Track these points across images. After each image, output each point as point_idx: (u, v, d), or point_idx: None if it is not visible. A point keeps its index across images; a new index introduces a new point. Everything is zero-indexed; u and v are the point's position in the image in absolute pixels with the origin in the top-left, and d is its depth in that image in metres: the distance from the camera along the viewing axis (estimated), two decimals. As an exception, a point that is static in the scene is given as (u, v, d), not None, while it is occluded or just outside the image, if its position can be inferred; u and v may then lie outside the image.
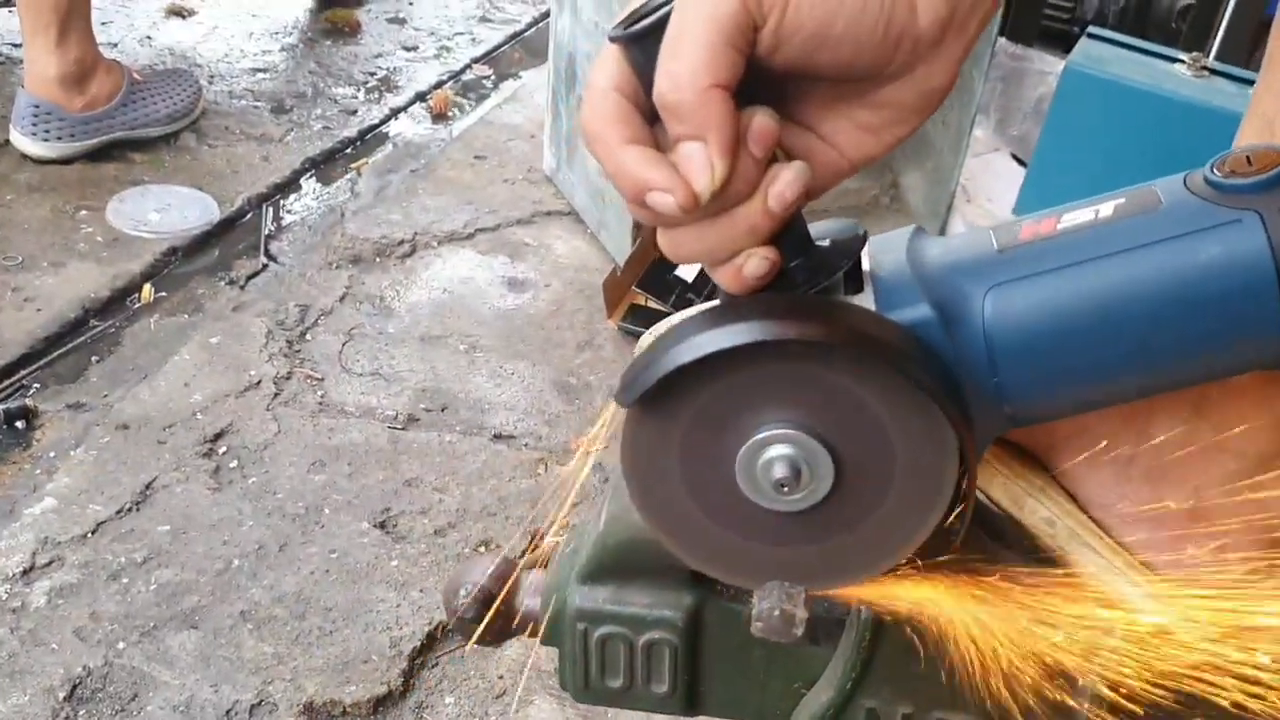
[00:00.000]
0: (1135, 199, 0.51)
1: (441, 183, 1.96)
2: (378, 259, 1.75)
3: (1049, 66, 2.11)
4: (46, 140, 1.80)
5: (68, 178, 1.82)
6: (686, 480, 0.54)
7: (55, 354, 1.47)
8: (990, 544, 0.63)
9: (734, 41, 0.46)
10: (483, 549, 1.22)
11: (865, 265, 0.54)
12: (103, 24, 2.32)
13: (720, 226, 0.51)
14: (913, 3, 0.49)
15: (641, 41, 0.48)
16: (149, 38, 2.33)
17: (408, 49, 2.52)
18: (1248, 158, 0.49)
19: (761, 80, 0.49)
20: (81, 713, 1.03)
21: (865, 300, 0.52)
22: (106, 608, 1.13)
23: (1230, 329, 0.49)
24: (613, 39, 0.50)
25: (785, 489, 0.52)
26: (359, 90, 2.30)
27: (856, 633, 0.63)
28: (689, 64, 0.47)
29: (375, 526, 1.25)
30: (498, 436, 1.40)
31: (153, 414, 1.37)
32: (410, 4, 2.75)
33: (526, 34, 2.70)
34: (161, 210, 1.77)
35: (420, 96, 2.32)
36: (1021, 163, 2.04)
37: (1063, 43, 2.31)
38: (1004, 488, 0.62)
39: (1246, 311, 0.48)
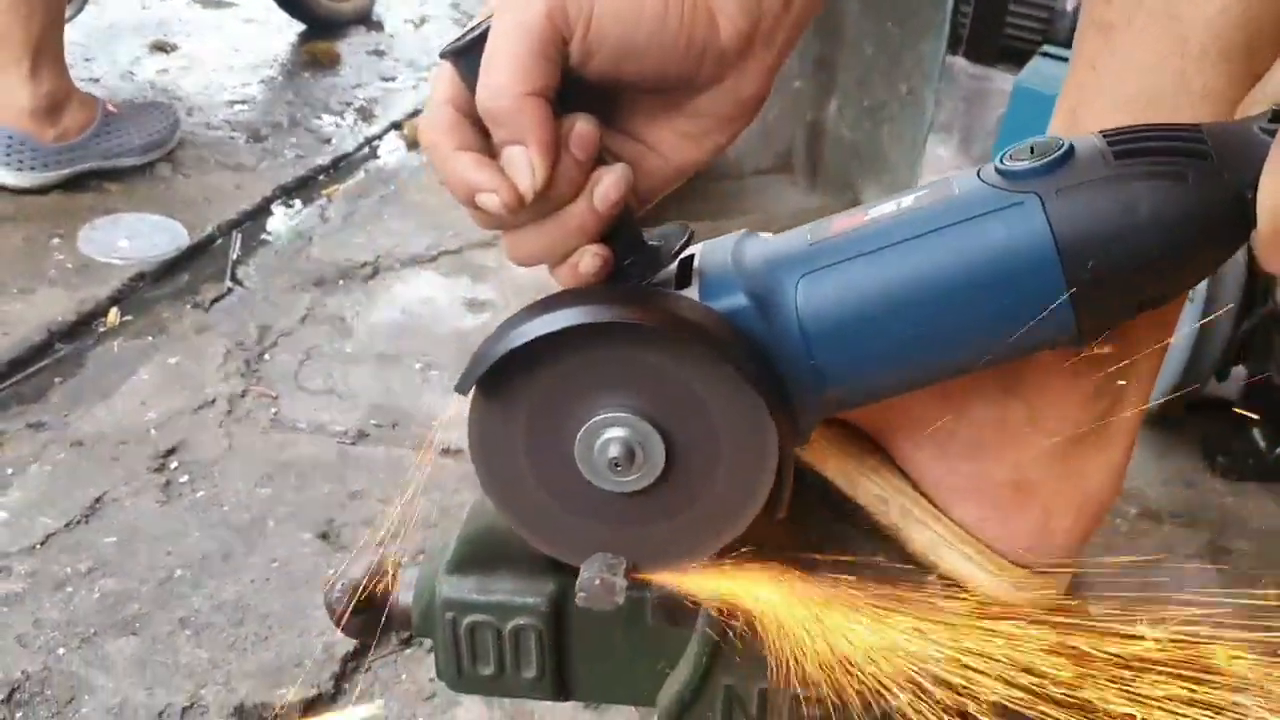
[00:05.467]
0: (934, 190, 0.53)
1: (409, 207, 2.01)
2: (341, 281, 1.79)
3: (1009, 86, 2.13)
4: (20, 170, 1.85)
5: (44, 207, 1.87)
6: (530, 463, 0.57)
7: (19, 376, 1.51)
8: (834, 525, 0.66)
9: (544, 52, 0.50)
10: (421, 557, 1.25)
11: (696, 263, 0.57)
12: (86, 60, 2.39)
13: (552, 226, 0.55)
14: (713, 17, 0.53)
15: (465, 56, 0.52)
16: (131, 73, 2.39)
17: (386, 79, 2.57)
18: (1032, 147, 0.52)
19: (586, 92, 0.53)
20: (19, 715, 1.06)
21: (690, 293, 0.55)
22: (49, 615, 1.16)
23: (1019, 305, 0.51)
24: (442, 55, 0.53)
25: (620, 469, 0.55)
26: (335, 120, 2.35)
27: (705, 613, 0.66)
28: (504, 75, 0.50)
29: (318, 537, 1.28)
30: (445, 451, 1.43)
31: (108, 431, 1.41)
32: (391, 36, 2.81)
33: (505, 63, 2.74)
34: (132, 237, 1.82)
35: (395, 125, 2.37)
36: (983, 180, 2.07)
37: (1035, 63, 2.34)
38: (838, 468, 0.64)
39: (1032, 287, 0.50)
